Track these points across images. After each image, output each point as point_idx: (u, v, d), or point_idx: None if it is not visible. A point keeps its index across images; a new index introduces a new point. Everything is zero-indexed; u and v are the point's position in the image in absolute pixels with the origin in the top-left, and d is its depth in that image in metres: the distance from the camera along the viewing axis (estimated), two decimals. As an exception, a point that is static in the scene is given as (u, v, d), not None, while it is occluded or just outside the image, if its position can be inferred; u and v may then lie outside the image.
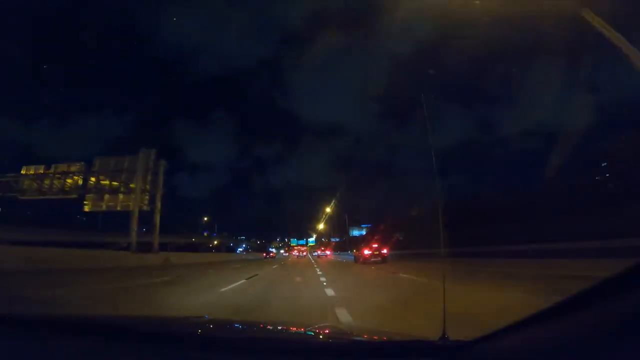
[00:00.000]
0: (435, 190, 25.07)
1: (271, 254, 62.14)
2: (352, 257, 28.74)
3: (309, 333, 1.59)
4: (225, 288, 8.50)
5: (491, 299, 5.78)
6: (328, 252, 45.56)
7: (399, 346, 1.21)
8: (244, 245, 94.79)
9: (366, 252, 20.19)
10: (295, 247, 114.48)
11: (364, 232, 61.34)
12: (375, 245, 20.22)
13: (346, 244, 66.16)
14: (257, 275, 13.03)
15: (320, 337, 1.54)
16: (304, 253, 75.80)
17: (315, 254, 64.68)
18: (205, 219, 65.61)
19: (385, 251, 19.99)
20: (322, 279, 10.58)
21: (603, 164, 19.76)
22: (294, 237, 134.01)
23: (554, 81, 24.80)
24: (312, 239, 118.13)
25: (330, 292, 7.14)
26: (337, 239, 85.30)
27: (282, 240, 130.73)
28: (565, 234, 13.10)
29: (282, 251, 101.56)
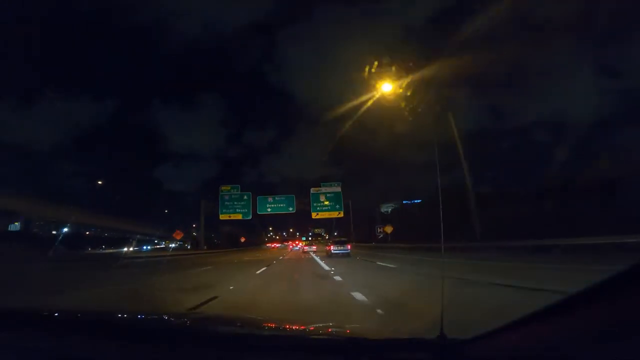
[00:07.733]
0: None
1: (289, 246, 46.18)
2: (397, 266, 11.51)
3: (308, 331, 1.60)
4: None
5: None
6: (349, 247, 21.68)
7: (397, 344, 1.21)
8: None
9: None
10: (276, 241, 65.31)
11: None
12: None
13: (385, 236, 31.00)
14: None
15: (319, 335, 1.54)
16: (300, 245, 45.99)
17: (311, 248, 36.87)
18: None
19: None
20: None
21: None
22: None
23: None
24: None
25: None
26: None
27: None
28: None
29: None
